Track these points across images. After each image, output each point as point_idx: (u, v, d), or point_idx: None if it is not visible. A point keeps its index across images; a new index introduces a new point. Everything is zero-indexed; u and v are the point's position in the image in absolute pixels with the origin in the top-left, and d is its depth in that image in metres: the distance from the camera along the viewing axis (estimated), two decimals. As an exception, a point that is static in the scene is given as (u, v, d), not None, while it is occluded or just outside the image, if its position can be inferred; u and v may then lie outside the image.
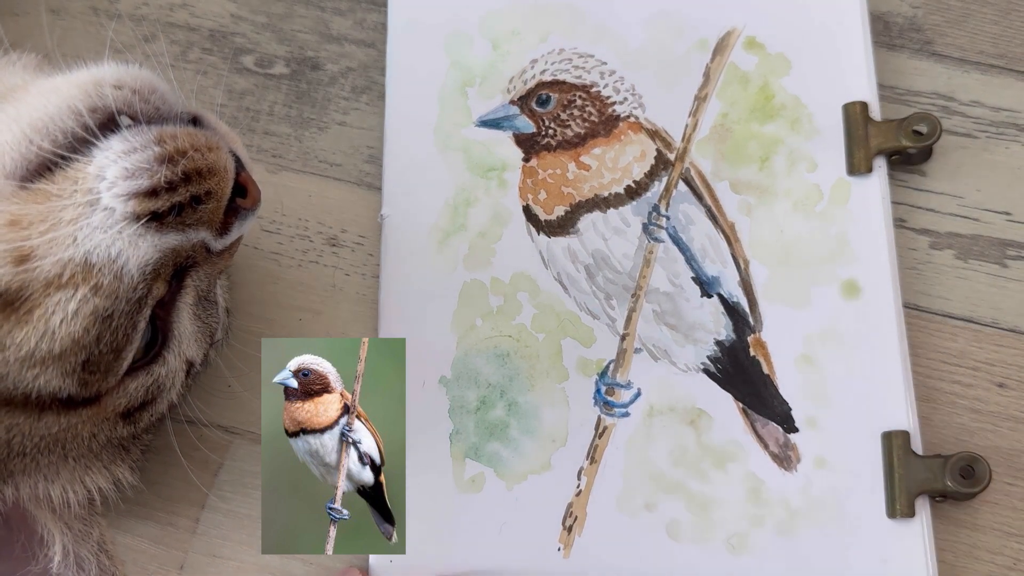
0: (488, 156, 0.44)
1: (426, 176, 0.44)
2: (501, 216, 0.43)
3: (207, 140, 0.33)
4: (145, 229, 0.31)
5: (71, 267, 0.30)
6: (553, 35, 0.46)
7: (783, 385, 0.40)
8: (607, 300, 0.42)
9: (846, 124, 0.43)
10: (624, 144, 0.44)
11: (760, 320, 0.41)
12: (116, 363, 0.32)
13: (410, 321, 0.42)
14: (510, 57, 0.45)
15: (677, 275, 0.42)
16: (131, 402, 0.34)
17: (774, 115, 0.44)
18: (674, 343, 0.41)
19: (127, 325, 0.32)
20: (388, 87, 0.45)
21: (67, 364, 0.31)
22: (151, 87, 0.33)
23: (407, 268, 0.43)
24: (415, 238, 0.43)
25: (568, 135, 0.44)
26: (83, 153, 0.31)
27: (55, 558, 0.35)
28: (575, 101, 0.45)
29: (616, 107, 0.44)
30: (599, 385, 0.41)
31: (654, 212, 0.43)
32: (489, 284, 0.43)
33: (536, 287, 0.42)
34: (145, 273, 0.31)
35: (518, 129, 0.45)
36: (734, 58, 0.45)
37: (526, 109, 0.45)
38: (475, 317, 0.42)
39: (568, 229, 0.43)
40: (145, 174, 0.31)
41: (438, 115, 0.45)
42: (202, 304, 0.36)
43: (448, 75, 0.45)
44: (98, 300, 0.30)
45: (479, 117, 0.45)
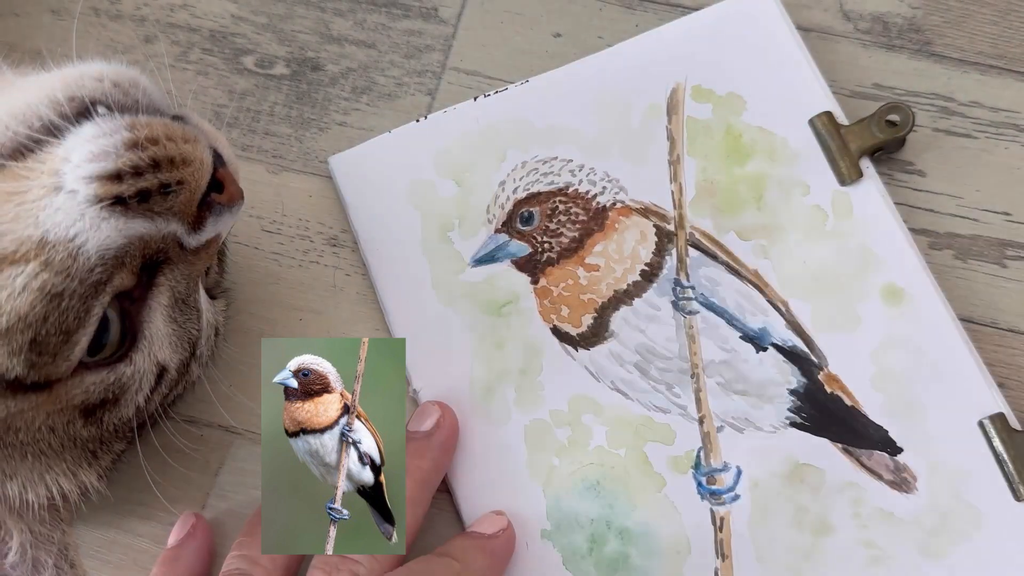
0: (496, 293, 0.42)
1: (443, 337, 0.42)
2: (534, 347, 0.41)
3: (183, 132, 0.33)
4: (109, 212, 0.31)
5: (27, 244, 0.30)
6: (510, 151, 0.44)
7: (870, 410, 0.39)
8: (669, 390, 0.40)
9: (818, 138, 0.43)
10: (621, 232, 0.43)
11: (822, 355, 0.40)
12: (66, 347, 0.31)
13: (486, 487, 0.40)
14: (477, 188, 0.44)
15: (726, 340, 0.41)
16: (89, 398, 0.33)
17: (749, 153, 0.43)
18: (751, 408, 0.40)
19: (79, 308, 0.31)
20: (368, 260, 0.44)
21: (13, 342, 0.30)
22: (133, 81, 0.33)
23: (464, 433, 0.41)
24: (457, 402, 0.41)
25: (564, 243, 0.43)
26: (56, 138, 0.31)
27: (9, 555, 0.34)
28: (558, 207, 0.43)
29: (599, 198, 0.43)
30: (698, 478, 0.39)
31: (677, 287, 0.42)
32: (550, 419, 0.41)
33: (597, 405, 0.41)
34: (105, 257, 0.31)
35: (514, 255, 0.43)
36: (689, 111, 0.44)
37: (514, 232, 0.43)
38: (550, 458, 0.40)
39: (603, 335, 0.41)
40: (110, 157, 0.31)
41: (430, 271, 0.43)
42: (179, 307, 0.35)
43: (424, 227, 0.43)
44: (47, 276, 0.30)
45: (471, 258, 0.43)
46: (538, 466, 0.40)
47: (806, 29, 0.47)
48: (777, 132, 0.43)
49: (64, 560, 0.36)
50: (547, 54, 0.47)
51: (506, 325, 0.42)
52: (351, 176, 0.45)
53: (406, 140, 0.45)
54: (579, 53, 0.47)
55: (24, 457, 0.33)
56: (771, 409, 0.40)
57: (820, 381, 0.40)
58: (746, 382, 0.40)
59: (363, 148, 0.45)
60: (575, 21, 0.48)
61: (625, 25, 0.47)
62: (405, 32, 0.48)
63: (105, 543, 0.41)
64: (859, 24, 0.47)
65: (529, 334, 0.42)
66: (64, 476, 0.35)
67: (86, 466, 0.36)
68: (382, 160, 0.45)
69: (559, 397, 0.41)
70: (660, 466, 0.40)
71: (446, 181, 0.44)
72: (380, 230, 0.44)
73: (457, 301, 0.42)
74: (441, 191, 0.44)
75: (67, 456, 0.35)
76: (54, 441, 0.34)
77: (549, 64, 0.47)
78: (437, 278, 0.43)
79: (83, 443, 0.35)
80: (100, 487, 0.37)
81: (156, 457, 0.39)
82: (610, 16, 0.48)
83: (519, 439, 0.40)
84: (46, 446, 0.34)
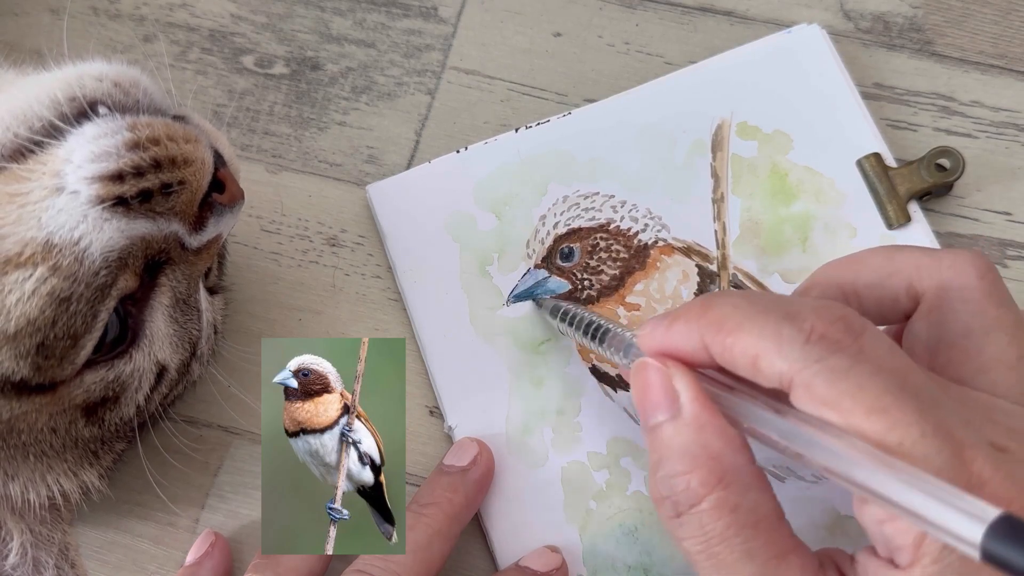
0: (535, 329, 0.41)
1: (480, 373, 0.41)
2: (572, 387, 0.41)
3: (184, 132, 0.33)
4: (111, 213, 0.31)
5: (32, 246, 0.30)
6: (551, 184, 0.43)
7: None
8: None
9: (866, 180, 0.42)
10: (663, 271, 0.42)
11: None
12: (73, 351, 0.31)
13: (522, 528, 0.39)
14: (517, 221, 0.43)
15: None
16: (90, 396, 0.33)
17: (796, 193, 0.42)
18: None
19: (86, 312, 0.31)
20: (405, 292, 0.43)
21: (21, 346, 0.30)
22: (133, 81, 0.33)
23: (500, 477, 0.40)
24: (495, 441, 0.40)
25: (605, 280, 0.42)
26: (57, 139, 0.31)
27: (10, 556, 0.34)
28: (599, 244, 0.42)
29: (640, 236, 0.42)
30: None
31: None
32: (588, 461, 0.40)
33: (635, 447, 0.39)
34: (109, 259, 0.31)
35: (553, 292, 0.42)
36: (734, 149, 0.43)
37: (553, 268, 0.42)
38: (587, 501, 0.39)
39: None
40: (112, 158, 0.31)
41: (468, 305, 0.42)
42: (180, 307, 0.35)
43: (462, 260, 0.43)
44: (56, 281, 0.30)
45: (510, 294, 0.42)
46: (575, 509, 0.39)
47: (806, 28, 0.46)
48: (824, 172, 0.42)
49: (65, 560, 0.36)
50: (547, 54, 0.47)
51: (544, 363, 0.41)
52: (389, 205, 0.44)
53: (446, 170, 0.44)
54: (579, 53, 0.47)
55: (26, 458, 0.33)
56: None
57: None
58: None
59: (402, 177, 0.44)
60: (575, 21, 0.48)
61: (625, 25, 0.47)
62: (405, 31, 0.48)
63: (105, 543, 0.41)
64: (860, 23, 0.47)
65: (567, 372, 0.41)
66: (65, 476, 0.35)
67: (87, 466, 0.36)
68: (422, 189, 0.44)
69: (598, 439, 0.40)
70: None
71: (486, 214, 0.43)
72: (417, 261, 0.43)
73: (495, 337, 0.42)
74: (481, 224, 0.43)
75: (68, 456, 0.35)
76: (56, 441, 0.34)
77: (549, 64, 0.47)
78: (475, 313, 0.42)
79: (84, 443, 0.35)
80: (101, 487, 0.37)
81: (156, 457, 0.39)
82: (610, 16, 0.48)
83: (556, 480, 0.40)
84: (48, 446, 0.34)
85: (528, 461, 0.40)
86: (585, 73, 0.47)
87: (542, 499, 0.39)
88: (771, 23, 0.47)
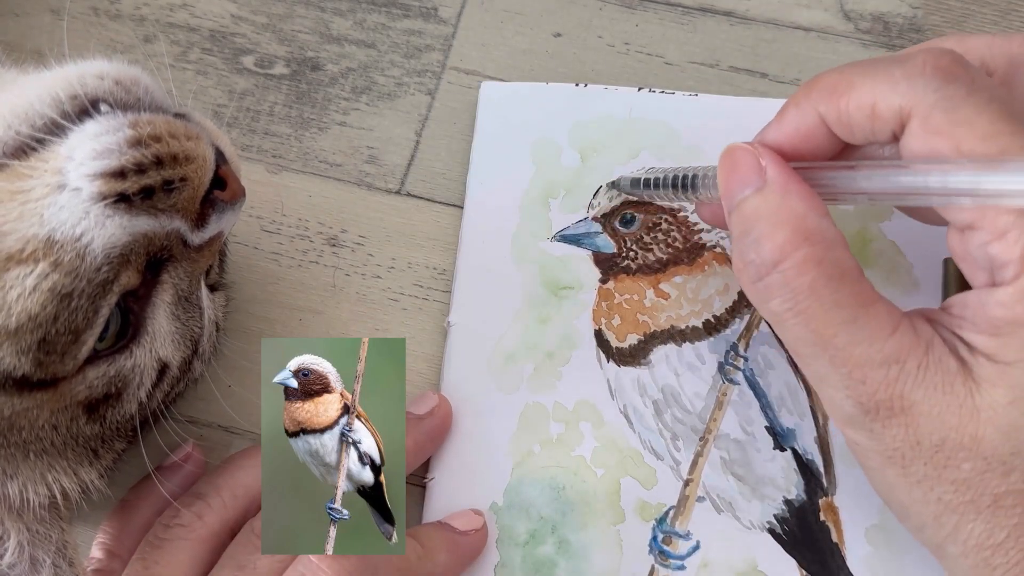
0: (564, 273, 0.42)
1: (499, 288, 0.42)
2: (571, 338, 0.41)
3: (186, 129, 0.33)
4: (113, 210, 0.31)
5: (34, 243, 0.30)
6: (644, 151, 0.43)
7: (851, 557, 0.37)
8: (673, 440, 0.39)
9: (945, 281, 0.40)
10: (707, 275, 0.41)
11: (835, 483, 0.39)
12: (75, 347, 0.31)
13: (467, 438, 0.40)
14: (598, 170, 0.43)
15: (750, 422, 0.39)
16: (92, 392, 0.33)
17: (870, 261, 0.41)
18: (740, 496, 0.39)
19: (88, 308, 0.31)
20: (469, 189, 0.44)
21: (22, 342, 0.30)
22: (134, 79, 0.33)
23: (469, 384, 0.41)
24: (480, 352, 0.41)
25: (649, 259, 0.42)
26: (59, 137, 0.31)
27: (6, 556, 0.34)
28: (660, 224, 0.42)
29: (703, 235, 0.42)
30: (656, 532, 0.38)
31: (732, 351, 0.40)
32: (551, 409, 0.40)
33: (600, 418, 0.40)
34: (111, 256, 0.31)
35: (598, 248, 0.42)
36: None
37: (608, 227, 0.42)
38: (534, 443, 0.40)
39: (639, 359, 0.40)
40: (114, 155, 0.31)
41: (517, 224, 0.43)
42: (182, 305, 0.35)
43: (532, 183, 0.43)
44: (57, 276, 0.30)
45: (559, 232, 0.42)
46: (519, 445, 0.40)
47: (806, 29, 0.47)
48: (907, 255, 0.41)
49: (62, 558, 0.36)
50: (547, 54, 0.47)
51: (558, 306, 0.42)
52: (493, 106, 0.45)
53: (558, 97, 0.45)
54: (579, 53, 0.47)
55: (26, 456, 0.33)
56: (758, 506, 0.38)
57: (818, 505, 0.38)
58: (748, 469, 0.39)
59: (517, 86, 0.46)
60: (575, 21, 0.48)
61: (625, 25, 0.47)
62: (405, 32, 0.48)
63: (104, 543, 0.41)
64: (860, 24, 0.47)
65: (573, 325, 0.41)
66: (65, 475, 0.35)
67: (87, 465, 0.36)
68: (529, 105, 0.45)
69: (570, 394, 0.40)
70: (627, 503, 0.39)
71: (573, 152, 0.44)
72: (493, 168, 0.44)
73: (526, 264, 0.42)
74: (564, 159, 0.44)
75: (69, 454, 0.35)
76: (56, 439, 0.34)
77: (549, 64, 0.47)
78: (519, 234, 0.43)
79: (85, 441, 0.35)
80: (101, 486, 0.37)
81: (156, 457, 0.39)
82: (610, 16, 0.48)
83: (515, 413, 0.40)
84: (48, 444, 0.34)
85: (499, 383, 0.41)
86: (585, 73, 0.47)
87: (495, 422, 0.40)
88: (771, 23, 0.47)
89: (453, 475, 0.40)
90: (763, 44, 0.47)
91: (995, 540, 0.29)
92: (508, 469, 0.39)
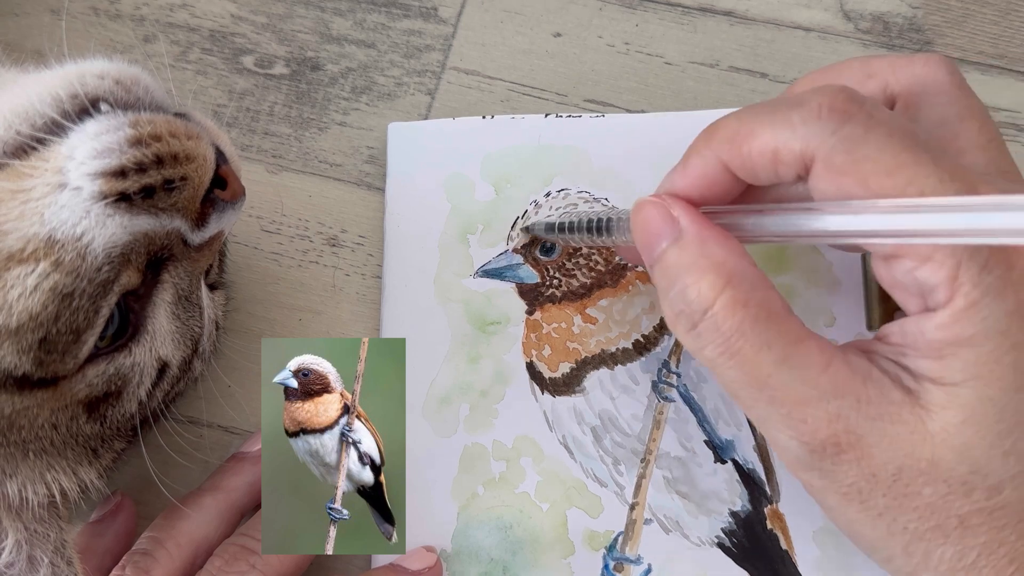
0: (490, 309, 0.42)
1: (426, 331, 0.42)
2: (504, 374, 0.41)
3: (186, 128, 0.33)
4: (113, 209, 0.31)
5: (35, 242, 0.30)
6: (557, 177, 0.43)
7: (802, 561, 0.38)
8: (615, 465, 0.39)
9: (865, 276, 0.40)
10: (632, 295, 0.41)
11: (777, 490, 0.39)
12: (75, 346, 0.32)
13: (410, 488, 0.39)
14: (512, 202, 0.43)
15: (689, 438, 0.39)
16: (92, 391, 0.33)
17: (790, 265, 0.41)
18: (686, 513, 0.39)
19: (88, 307, 0.31)
20: (387, 233, 0.44)
21: (23, 341, 0.30)
22: (134, 79, 0.33)
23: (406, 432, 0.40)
24: (413, 398, 0.41)
25: (574, 285, 0.42)
26: (59, 136, 0.31)
27: (3, 555, 0.34)
28: (580, 249, 0.42)
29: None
30: (607, 560, 0.38)
31: (664, 369, 0.40)
32: (491, 448, 0.40)
33: (540, 452, 0.40)
34: (112, 255, 0.31)
35: (521, 279, 0.42)
36: None
37: (530, 258, 0.42)
38: (477, 484, 0.40)
39: (574, 387, 0.40)
40: (114, 154, 0.31)
41: (438, 264, 0.42)
42: (182, 304, 0.36)
43: (448, 221, 0.43)
44: (58, 276, 0.30)
45: (480, 267, 0.42)
46: (462, 488, 0.40)
47: (806, 29, 0.47)
48: (827, 255, 0.41)
49: (61, 558, 0.36)
50: (547, 54, 0.47)
51: (487, 343, 0.41)
52: (402, 147, 0.45)
53: (466, 131, 0.45)
54: (579, 53, 0.47)
55: (26, 455, 0.34)
56: (705, 522, 0.39)
57: (764, 514, 0.39)
58: (692, 486, 0.39)
59: (424, 125, 0.45)
60: (575, 21, 0.48)
61: (625, 25, 0.47)
62: (405, 32, 0.48)
63: (104, 543, 0.41)
64: (859, 24, 0.47)
65: (504, 360, 0.41)
66: (64, 474, 0.35)
67: (87, 464, 0.36)
68: (437, 142, 0.45)
69: (508, 431, 0.40)
70: (575, 534, 0.39)
71: (486, 185, 0.44)
72: (408, 207, 0.44)
73: (451, 304, 0.42)
74: (478, 193, 0.44)
75: (68, 454, 0.35)
76: (56, 438, 0.34)
77: (549, 64, 0.47)
78: (441, 273, 0.43)
79: (85, 440, 0.35)
80: (100, 485, 0.37)
81: (156, 457, 0.39)
82: (610, 16, 0.48)
83: (455, 455, 0.40)
84: (48, 443, 0.34)
85: (436, 428, 0.40)
86: (585, 73, 0.47)
87: (436, 467, 0.40)
88: (771, 23, 0.47)
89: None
90: (763, 44, 0.47)
91: (966, 562, 0.29)
92: (454, 514, 0.39)
